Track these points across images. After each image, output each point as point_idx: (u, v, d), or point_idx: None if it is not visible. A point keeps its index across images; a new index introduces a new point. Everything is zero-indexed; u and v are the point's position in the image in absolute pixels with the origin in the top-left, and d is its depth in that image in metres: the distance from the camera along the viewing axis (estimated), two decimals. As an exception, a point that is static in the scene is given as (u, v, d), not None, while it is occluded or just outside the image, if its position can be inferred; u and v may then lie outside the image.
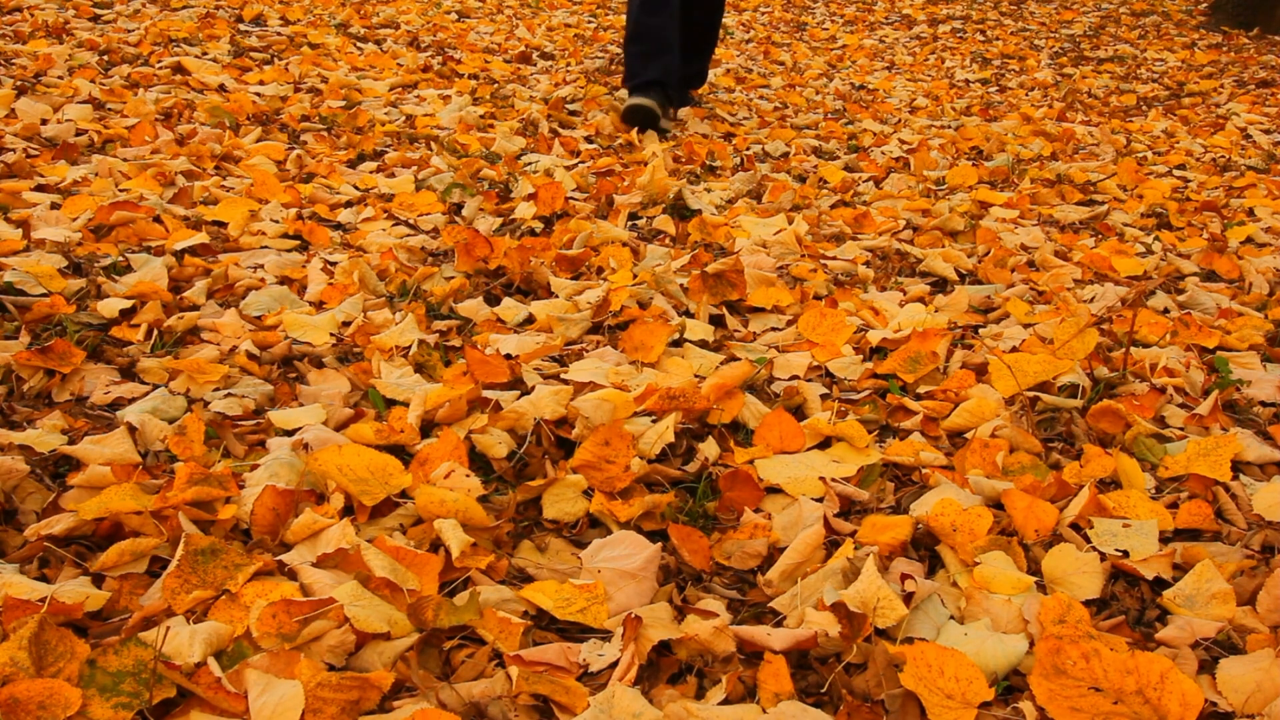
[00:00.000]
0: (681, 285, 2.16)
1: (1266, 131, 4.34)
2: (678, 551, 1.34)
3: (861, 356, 1.92)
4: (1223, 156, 3.86)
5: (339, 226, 2.43)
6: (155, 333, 1.78)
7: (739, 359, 1.85)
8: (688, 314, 2.06)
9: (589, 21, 5.86)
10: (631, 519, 1.38)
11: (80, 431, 1.48)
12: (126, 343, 1.75)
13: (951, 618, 1.22)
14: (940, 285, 2.38)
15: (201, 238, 2.18)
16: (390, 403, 1.63)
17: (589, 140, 3.43)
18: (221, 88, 3.46)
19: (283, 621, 1.11)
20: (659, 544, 1.31)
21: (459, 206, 2.63)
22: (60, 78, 3.27)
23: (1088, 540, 1.38)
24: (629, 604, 1.23)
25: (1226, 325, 2.13)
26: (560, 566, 1.30)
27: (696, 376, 1.77)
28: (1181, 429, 1.70)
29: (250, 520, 1.29)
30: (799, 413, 1.70)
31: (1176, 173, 3.61)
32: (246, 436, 1.51)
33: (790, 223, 2.60)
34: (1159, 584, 1.31)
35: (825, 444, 1.60)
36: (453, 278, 2.14)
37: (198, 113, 3.10)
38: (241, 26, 4.46)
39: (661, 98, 3.57)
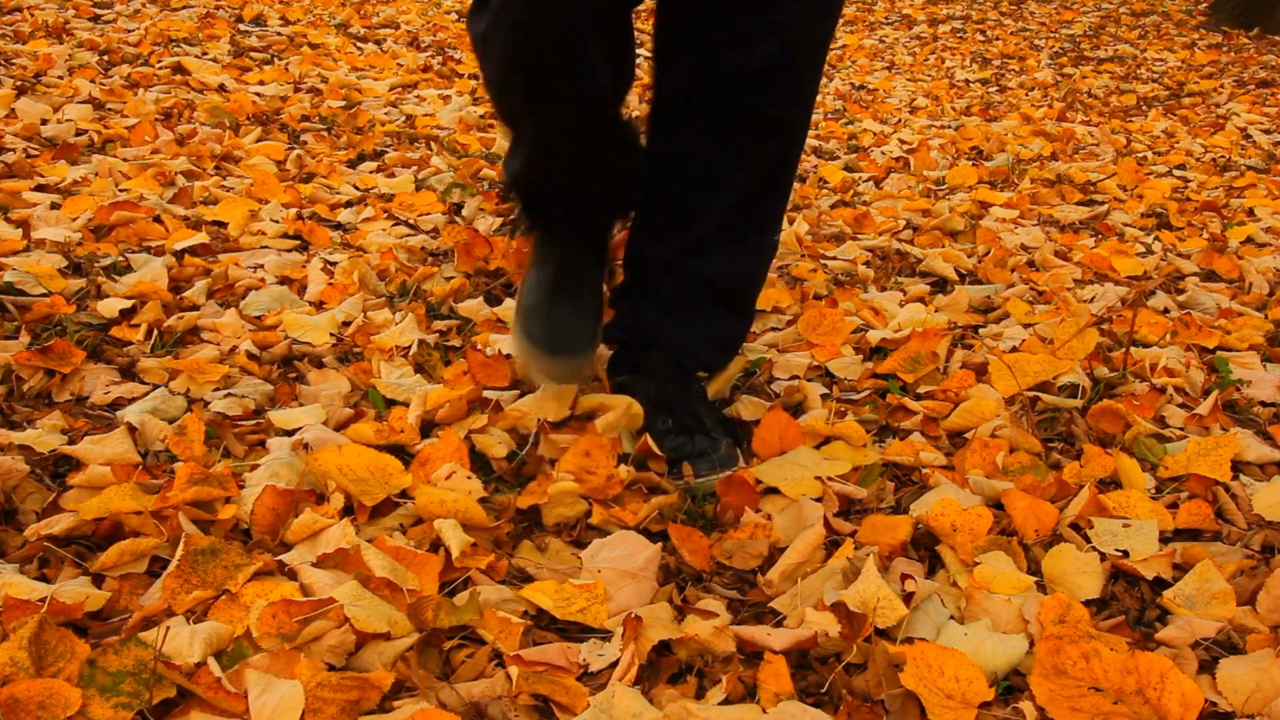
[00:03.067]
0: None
1: (1266, 131, 4.34)
2: (678, 551, 1.34)
3: (861, 356, 1.91)
4: (1223, 156, 3.85)
5: (339, 226, 2.43)
6: (155, 333, 1.78)
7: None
8: (688, 314, 2.05)
9: (589, 21, 5.85)
10: (639, 524, 1.38)
11: (80, 431, 1.48)
12: (126, 343, 1.75)
13: (951, 618, 1.22)
14: (940, 285, 2.38)
15: (201, 238, 2.18)
16: (390, 403, 1.63)
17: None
18: (221, 88, 3.46)
19: (283, 621, 1.11)
20: (659, 544, 1.31)
21: (459, 206, 2.63)
22: (60, 78, 3.27)
23: (1088, 540, 1.37)
24: (629, 604, 1.22)
25: (1226, 325, 2.13)
26: (560, 566, 1.30)
27: (696, 376, 1.77)
28: (1181, 429, 1.70)
29: (250, 520, 1.29)
30: (798, 413, 1.70)
31: (1176, 173, 3.60)
32: (246, 436, 1.51)
33: (790, 223, 2.60)
34: (1159, 584, 1.31)
35: (825, 444, 1.60)
36: (453, 278, 2.14)
37: (198, 113, 3.10)
38: (241, 26, 4.46)
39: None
